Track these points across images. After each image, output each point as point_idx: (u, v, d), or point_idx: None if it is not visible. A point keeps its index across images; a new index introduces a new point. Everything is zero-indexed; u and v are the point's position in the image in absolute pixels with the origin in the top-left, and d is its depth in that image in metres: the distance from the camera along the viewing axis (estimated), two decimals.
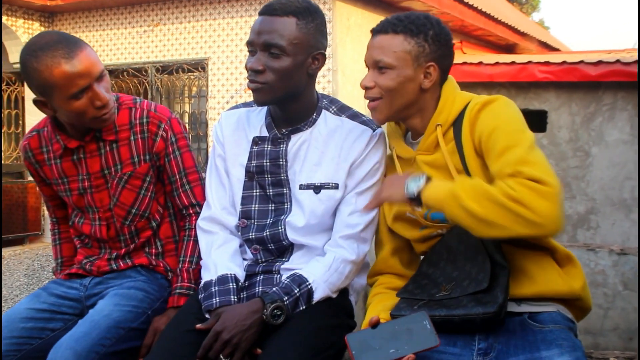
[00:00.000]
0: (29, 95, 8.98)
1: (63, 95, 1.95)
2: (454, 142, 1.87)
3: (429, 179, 1.74)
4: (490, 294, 1.70)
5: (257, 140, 2.04)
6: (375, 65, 1.90)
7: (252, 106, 2.14)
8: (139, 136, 2.18)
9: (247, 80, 1.95)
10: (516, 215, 1.56)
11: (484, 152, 1.78)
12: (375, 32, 1.94)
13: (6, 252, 8.05)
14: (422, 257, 2.01)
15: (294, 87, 1.94)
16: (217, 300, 1.91)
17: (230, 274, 1.97)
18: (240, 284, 1.98)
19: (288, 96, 1.95)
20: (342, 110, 2.07)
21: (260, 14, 1.93)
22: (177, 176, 2.24)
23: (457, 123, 1.88)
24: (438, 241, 1.91)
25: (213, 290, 1.94)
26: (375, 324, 1.70)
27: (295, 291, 1.88)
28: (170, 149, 2.22)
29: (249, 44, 1.93)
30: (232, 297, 1.92)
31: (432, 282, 1.85)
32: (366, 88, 1.92)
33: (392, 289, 2.01)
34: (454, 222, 1.78)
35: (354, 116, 2.05)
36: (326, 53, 2.02)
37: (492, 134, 1.74)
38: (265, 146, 2.03)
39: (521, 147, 1.67)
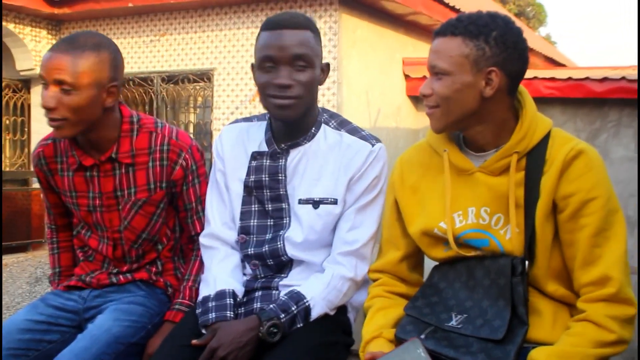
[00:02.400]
0: (34, 102, 9.02)
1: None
2: (524, 174, 1.72)
3: None
4: (502, 349, 1.63)
5: (255, 155, 2.04)
6: (432, 70, 1.74)
7: (252, 120, 2.13)
8: (157, 163, 2.14)
9: (267, 97, 1.91)
10: (610, 350, 1.61)
11: (568, 212, 1.68)
12: (435, 34, 1.76)
13: (9, 259, 8.05)
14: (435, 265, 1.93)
15: (313, 100, 1.96)
16: (213, 316, 1.90)
17: (229, 290, 1.96)
18: (238, 299, 1.97)
19: (307, 110, 1.95)
20: (342, 124, 2.06)
21: (276, 27, 1.89)
22: (194, 204, 2.22)
23: (533, 153, 1.73)
24: (461, 259, 1.82)
25: (210, 305, 1.93)
26: None
27: (293, 308, 1.87)
28: (190, 178, 2.19)
29: (268, 58, 1.89)
30: (228, 312, 1.91)
31: (443, 303, 1.80)
32: (423, 95, 1.77)
33: (394, 293, 1.97)
34: (488, 252, 1.75)
35: (354, 131, 2.04)
36: (330, 65, 2.03)
37: (591, 206, 1.65)
38: (264, 161, 2.02)
39: (618, 245, 1.66)
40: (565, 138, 1.74)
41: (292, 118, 1.93)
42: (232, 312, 1.91)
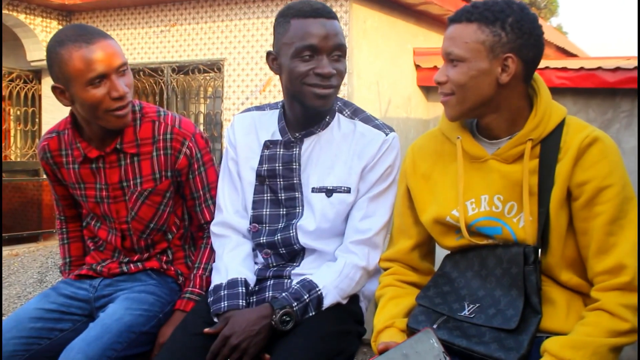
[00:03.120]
0: (45, 93, 9.04)
1: (81, 80, 1.94)
2: (538, 161, 1.71)
3: None
4: (515, 339, 1.62)
5: (268, 144, 2.03)
6: (447, 57, 1.71)
7: (264, 109, 2.13)
8: (161, 152, 2.13)
9: (306, 86, 1.90)
10: (625, 339, 1.60)
11: (583, 200, 1.66)
12: (450, 21, 1.73)
13: (20, 249, 8.09)
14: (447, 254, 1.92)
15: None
16: (225, 304, 1.90)
17: (240, 278, 1.96)
18: (250, 288, 1.97)
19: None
20: (356, 113, 2.05)
21: (315, 16, 1.89)
22: (201, 192, 2.21)
23: (547, 141, 1.71)
24: (473, 248, 1.80)
25: (222, 294, 1.93)
26: (383, 351, 1.63)
27: (305, 297, 1.87)
28: (196, 166, 2.18)
29: (309, 47, 1.87)
30: (240, 301, 1.91)
31: (455, 293, 1.79)
32: (438, 83, 1.75)
33: (405, 282, 1.96)
34: (501, 240, 1.73)
35: (367, 120, 2.03)
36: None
37: (605, 194, 1.64)
38: (278, 150, 2.02)
39: (630, 232, 1.63)
40: (580, 125, 1.73)
41: (328, 107, 1.94)
42: (244, 301, 1.91)
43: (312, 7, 1.90)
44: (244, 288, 1.94)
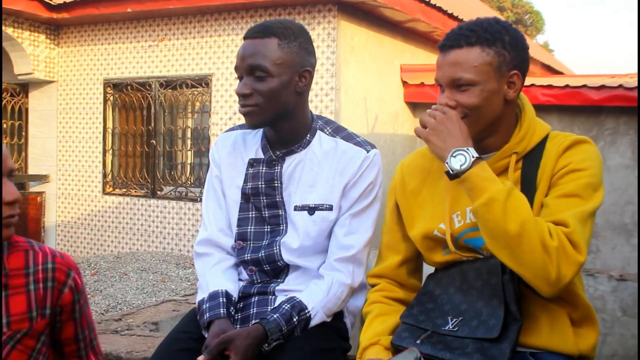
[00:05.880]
0: (32, 106, 9.03)
1: None
2: (520, 173, 1.77)
3: (478, 159, 1.65)
4: (497, 347, 1.64)
5: (252, 162, 2.05)
6: (453, 84, 1.73)
7: (247, 128, 2.14)
8: (41, 285, 1.72)
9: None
10: (539, 262, 1.56)
11: (553, 183, 1.71)
12: (447, 47, 1.75)
13: None
14: (430, 272, 1.94)
15: (284, 107, 1.95)
16: (207, 316, 1.91)
17: (221, 290, 1.96)
18: (233, 298, 1.97)
19: (279, 116, 1.96)
20: (337, 131, 2.06)
21: (244, 38, 1.97)
22: (87, 332, 1.85)
23: (530, 155, 1.78)
24: (454, 264, 1.84)
25: (204, 307, 1.94)
26: None
27: (295, 319, 1.87)
28: (82, 302, 1.82)
29: (236, 69, 1.96)
30: (221, 309, 1.91)
31: (438, 309, 1.80)
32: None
33: (392, 299, 1.98)
34: (487, 252, 1.75)
35: (349, 137, 2.04)
36: (313, 72, 2.02)
37: (572, 174, 1.69)
38: (260, 168, 2.03)
39: (584, 207, 1.64)
40: (564, 135, 1.80)
41: (256, 125, 1.98)
42: (225, 309, 1.91)
43: (249, 29, 1.98)
44: (224, 298, 1.94)
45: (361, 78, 7.61)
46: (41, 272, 1.72)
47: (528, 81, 7.11)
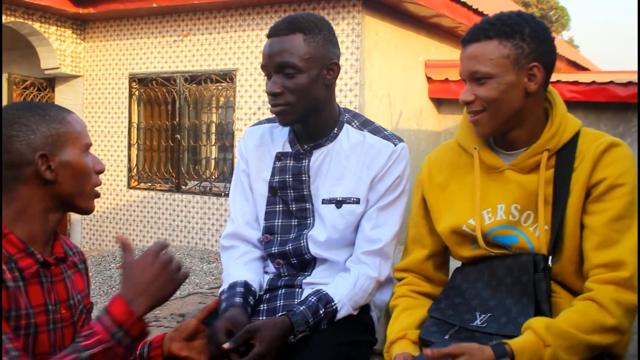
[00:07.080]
0: (59, 101, 9.12)
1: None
2: (553, 171, 1.75)
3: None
4: None
5: (279, 156, 2.05)
6: (472, 77, 1.74)
7: (275, 122, 2.15)
8: (79, 266, 1.74)
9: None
10: (606, 338, 1.61)
11: (593, 195, 1.69)
12: (466, 41, 1.77)
13: None
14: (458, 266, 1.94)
15: (315, 102, 1.95)
16: (224, 305, 1.92)
17: (240, 280, 1.97)
18: (253, 288, 1.97)
19: (310, 111, 1.96)
20: (365, 124, 2.07)
21: (268, 36, 1.96)
22: None
23: (563, 151, 1.76)
24: (482, 259, 1.84)
25: (223, 297, 1.95)
26: None
27: (321, 312, 1.87)
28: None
29: (263, 68, 1.96)
30: (237, 298, 1.92)
31: (466, 304, 1.80)
32: (466, 103, 1.78)
33: (419, 293, 1.98)
34: (516, 249, 1.75)
35: (376, 131, 2.05)
36: (340, 64, 2.02)
37: (614, 192, 1.67)
38: (288, 162, 2.04)
39: (633, 228, 1.65)
40: (596, 134, 1.77)
41: (288, 123, 1.98)
42: (241, 298, 1.92)
43: (273, 26, 1.96)
44: (242, 288, 1.95)
45: (385, 74, 7.60)
46: (76, 254, 1.74)
47: (554, 77, 7.04)
